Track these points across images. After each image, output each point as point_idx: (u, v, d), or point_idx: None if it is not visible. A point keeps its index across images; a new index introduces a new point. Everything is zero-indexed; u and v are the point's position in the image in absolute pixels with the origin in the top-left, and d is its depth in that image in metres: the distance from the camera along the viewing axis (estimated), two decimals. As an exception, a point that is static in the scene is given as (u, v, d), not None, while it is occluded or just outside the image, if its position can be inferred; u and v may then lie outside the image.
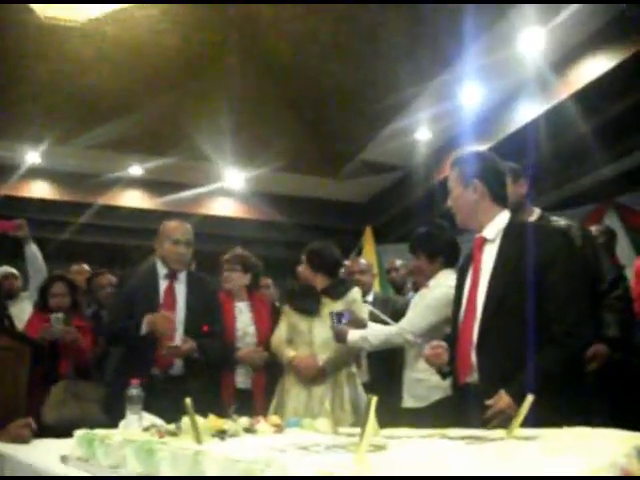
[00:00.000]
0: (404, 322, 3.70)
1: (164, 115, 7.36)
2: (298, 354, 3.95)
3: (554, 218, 3.41)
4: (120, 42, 6.67)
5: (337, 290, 4.04)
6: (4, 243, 5.25)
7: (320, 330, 3.95)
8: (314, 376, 3.87)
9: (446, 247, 3.78)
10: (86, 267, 5.57)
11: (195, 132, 7.52)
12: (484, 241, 2.61)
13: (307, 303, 4.05)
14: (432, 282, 3.72)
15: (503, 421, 2.26)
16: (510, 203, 2.82)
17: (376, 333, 3.76)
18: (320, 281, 4.07)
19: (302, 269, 4.19)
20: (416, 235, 3.93)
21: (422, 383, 3.61)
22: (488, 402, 2.34)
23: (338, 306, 3.95)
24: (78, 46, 6.64)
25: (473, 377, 2.46)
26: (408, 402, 3.75)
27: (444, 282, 3.64)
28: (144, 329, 3.56)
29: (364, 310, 4.07)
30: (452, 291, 2.86)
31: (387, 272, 6.00)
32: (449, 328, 2.87)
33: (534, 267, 2.38)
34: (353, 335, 3.72)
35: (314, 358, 3.90)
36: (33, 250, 5.17)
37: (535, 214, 3.39)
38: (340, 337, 3.74)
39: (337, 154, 8.23)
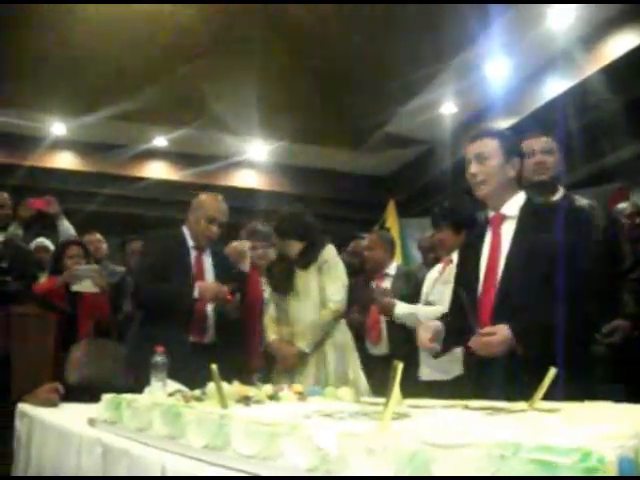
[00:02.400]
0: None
1: (187, 86, 7.36)
2: (275, 340, 3.78)
3: (577, 197, 3.38)
4: (143, 13, 6.67)
5: (307, 257, 3.78)
6: (40, 218, 5.33)
7: (295, 307, 3.76)
8: (293, 363, 3.67)
9: (470, 220, 3.75)
10: (98, 236, 5.57)
11: (218, 103, 7.52)
12: (503, 218, 2.62)
13: (279, 280, 3.84)
14: (455, 256, 3.70)
15: (488, 351, 2.32)
16: (555, 173, 3.11)
17: (427, 313, 3.70)
18: (292, 249, 3.82)
19: (275, 240, 3.96)
20: (440, 208, 3.90)
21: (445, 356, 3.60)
22: (486, 329, 2.37)
23: (311, 274, 3.75)
24: (102, 18, 6.65)
25: None
26: (429, 375, 3.75)
27: None
28: (196, 295, 3.54)
29: (340, 267, 3.82)
30: None
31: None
32: None
33: (551, 242, 2.39)
34: (401, 309, 3.69)
35: (291, 345, 3.69)
36: (66, 225, 5.28)
37: (560, 192, 3.37)
38: (387, 311, 3.68)
39: (360, 126, 8.19)
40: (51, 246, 5.32)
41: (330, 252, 3.82)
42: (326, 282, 3.75)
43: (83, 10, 6.52)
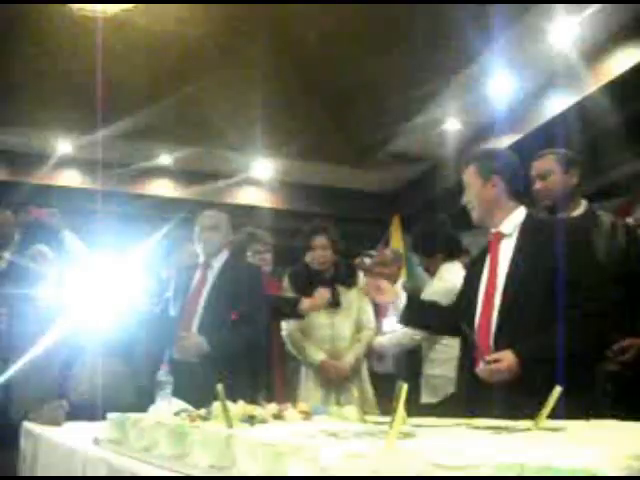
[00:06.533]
0: None
1: (192, 105, 7.39)
2: (326, 359, 3.78)
3: (600, 212, 3.34)
4: (148, 32, 6.71)
5: (350, 278, 3.97)
6: (42, 232, 5.31)
7: (342, 323, 3.86)
8: (343, 379, 3.80)
9: (444, 243, 3.85)
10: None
11: (223, 121, 7.55)
12: (501, 236, 2.63)
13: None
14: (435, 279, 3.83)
15: (496, 378, 2.31)
16: (559, 194, 3.08)
17: (390, 338, 3.85)
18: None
19: (323, 253, 4.01)
20: (430, 235, 3.98)
21: (438, 378, 3.63)
22: (492, 356, 2.36)
23: (352, 294, 3.90)
24: (107, 37, 6.68)
25: None
26: (425, 397, 3.74)
27: (446, 275, 3.69)
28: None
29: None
30: (453, 283, 2.93)
31: None
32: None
33: (552, 261, 2.38)
34: (376, 341, 3.88)
35: (343, 364, 3.78)
36: (70, 239, 5.26)
37: (582, 207, 3.32)
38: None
39: (364, 144, 8.21)
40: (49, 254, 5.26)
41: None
42: (365, 306, 3.92)
43: (87, 28, 6.55)
